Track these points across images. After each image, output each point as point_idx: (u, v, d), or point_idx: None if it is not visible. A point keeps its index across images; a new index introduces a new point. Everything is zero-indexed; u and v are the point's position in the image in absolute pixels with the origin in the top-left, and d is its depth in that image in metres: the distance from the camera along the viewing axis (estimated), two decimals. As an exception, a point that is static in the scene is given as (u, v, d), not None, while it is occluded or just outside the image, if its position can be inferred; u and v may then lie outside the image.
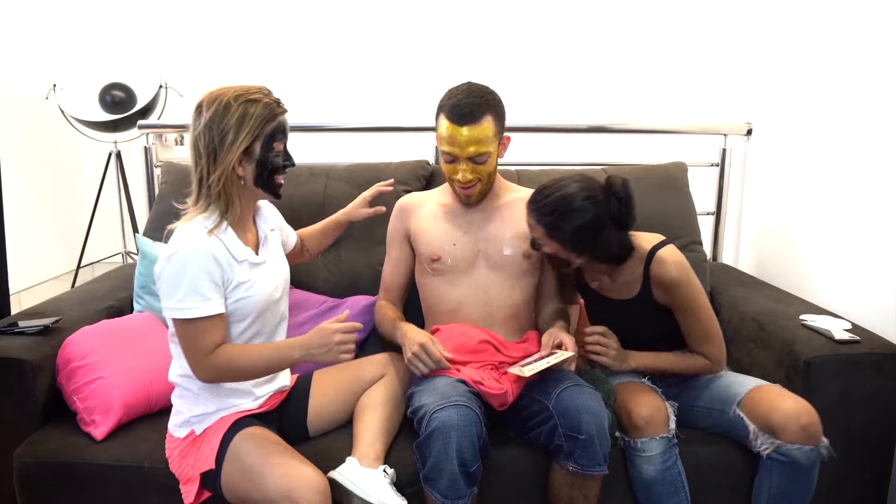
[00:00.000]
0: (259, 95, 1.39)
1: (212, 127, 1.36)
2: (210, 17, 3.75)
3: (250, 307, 1.43)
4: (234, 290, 1.40)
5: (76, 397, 1.59)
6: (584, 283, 1.69)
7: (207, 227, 1.39)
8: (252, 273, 1.44)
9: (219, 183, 1.38)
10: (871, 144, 1.80)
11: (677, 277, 1.53)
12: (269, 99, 1.41)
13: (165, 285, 1.35)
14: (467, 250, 1.68)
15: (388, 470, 1.43)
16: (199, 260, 1.34)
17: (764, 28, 2.36)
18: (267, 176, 1.43)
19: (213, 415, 1.44)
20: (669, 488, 1.49)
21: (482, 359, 1.58)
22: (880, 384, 1.59)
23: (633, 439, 1.50)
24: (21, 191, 3.47)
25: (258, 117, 1.38)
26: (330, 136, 3.17)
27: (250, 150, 1.39)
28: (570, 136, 2.70)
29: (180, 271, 1.33)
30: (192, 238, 1.35)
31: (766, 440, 1.48)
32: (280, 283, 1.52)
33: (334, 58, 3.73)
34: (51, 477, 1.51)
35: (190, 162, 1.42)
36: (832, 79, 1.97)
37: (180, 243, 1.35)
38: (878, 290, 1.76)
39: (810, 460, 1.45)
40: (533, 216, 1.52)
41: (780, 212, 2.23)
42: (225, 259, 1.38)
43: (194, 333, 1.35)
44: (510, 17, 3.63)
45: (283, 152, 1.45)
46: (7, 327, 1.67)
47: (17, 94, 3.43)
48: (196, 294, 1.33)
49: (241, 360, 1.38)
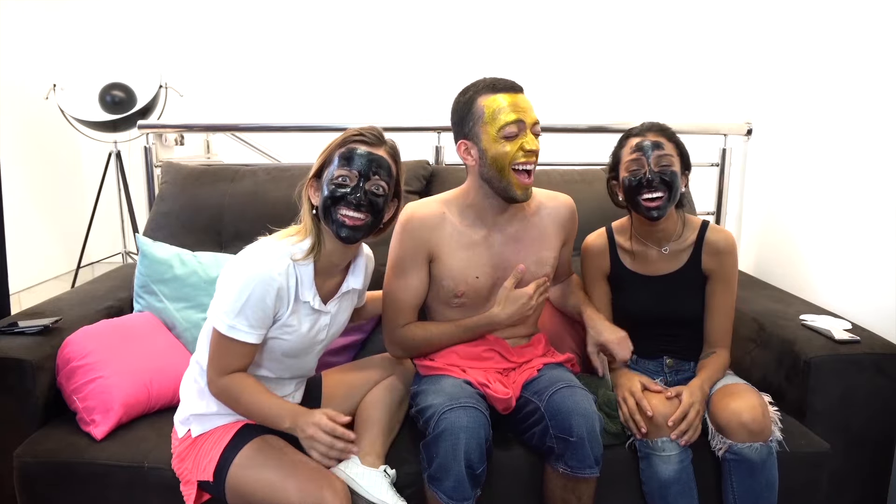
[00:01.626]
0: (356, 130, 1.38)
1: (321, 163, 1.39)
2: (210, 16, 3.75)
3: (280, 347, 1.41)
4: (278, 327, 1.38)
5: (76, 397, 1.59)
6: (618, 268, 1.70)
7: (293, 252, 1.36)
8: (305, 318, 1.40)
9: (308, 211, 1.38)
10: (870, 144, 1.80)
11: (732, 244, 1.64)
12: (356, 131, 1.38)
13: (224, 292, 1.34)
14: (488, 281, 1.57)
15: (388, 470, 1.42)
16: (264, 288, 1.31)
17: (764, 28, 2.35)
18: (324, 202, 1.35)
19: (212, 417, 1.43)
20: (684, 488, 1.49)
21: (487, 365, 1.57)
22: (880, 384, 1.59)
23: (651, 439, 1.49)
24: (21, 191, 3.46)
25: (334, 142, 1.37)
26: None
27: (321, 175, 1.37)
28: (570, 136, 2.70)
29: (243, 290, 1.31)
30: (268, 261, 1.33)
31: (720, 440, 1.50)
32: (323, 340, 1.48)
33: (334, 58, 3.73)
34: (51, 477, 1.51)
35: None
36: (832, 79, 1.97)
37: (257, 261, 1.33)
38: (878, 290, 1.76)
39: (761, 457, 1.45)
40: (660, 133, 1.60)
41: (780, 212, 2.23)
42: (286, 292, 1.35)
43: (225, 349, 1.35)
44: (510, 17, 3.63)
45: (348, 182, 1.34)
46: (7, 327, 1.67)
47: (17, 94, 3.43)
48: (244, 318, 1.32)
49: (244, 397, 1.36)
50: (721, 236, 1.64)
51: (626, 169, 1.59)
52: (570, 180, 2.12)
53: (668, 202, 1.57)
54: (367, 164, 1.34)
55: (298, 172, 2.12)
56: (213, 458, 1.38)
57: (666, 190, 1.56)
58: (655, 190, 1.56)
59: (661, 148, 1.57)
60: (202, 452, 1.40)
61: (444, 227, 1.55)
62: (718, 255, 1.62)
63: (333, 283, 1.45)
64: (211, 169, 2.24)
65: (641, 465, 1.51)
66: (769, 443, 1.45)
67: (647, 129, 1.60)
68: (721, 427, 1.48)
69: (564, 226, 1.65)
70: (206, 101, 3.72)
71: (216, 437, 1.41)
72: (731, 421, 1.46)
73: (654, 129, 1.60)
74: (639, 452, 1.52)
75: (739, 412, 1.45)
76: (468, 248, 1.56)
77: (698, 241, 1.65)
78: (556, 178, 2.12)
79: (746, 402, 1.47)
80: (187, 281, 1.85)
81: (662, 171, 1.56)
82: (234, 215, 2.07)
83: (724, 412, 1.48)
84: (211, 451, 1.39)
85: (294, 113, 3.60)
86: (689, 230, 1.67)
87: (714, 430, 1.51)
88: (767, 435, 1.45)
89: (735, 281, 1.65)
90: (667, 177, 1.56)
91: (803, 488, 1.54)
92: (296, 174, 2.12)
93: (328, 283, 1.44)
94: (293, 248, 1.37)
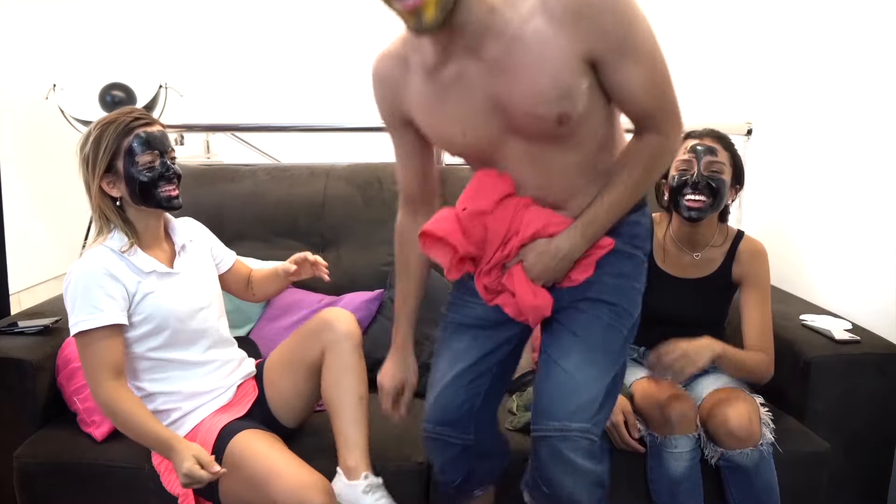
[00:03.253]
0: (117, 115, 1.42)
1: (82, 159, 1.44)
2: (210, 17, 3.75)
3: (161, 317, 1.42)
4: (141, 302, 1.41)
5: (76, 398, 1.59)
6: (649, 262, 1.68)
7: (114, 248, 1.41)
8: (162, 283, 1.44)
9: (98, 208, 1.43)
10: (871, 144, 1.80)
11: (763, 251, 1.63)
12: (129, 117, 1.42)
13: (68, 307, 1.38)
14: (482, 133, 1.16)
15: (369, 476, 1.39)
16: (90, 275, 1.37)
17: (764, 28, 2.35)
18: (139, 190, 1.41)
19: (180, 420, 1.45)
20: (694, 486, 1.49)
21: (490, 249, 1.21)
22: (880, 384, 1.59)
23: (665, 436, 1.48)
24: (21, 191, 3.46)
25: (112, 133, 1.40)
26: (330, 135, 3.17)
27: (113, 169, 1.41)
28: (570, 136, 2.70)
29: (73, 289, 1.37)
30: (85, 258, 1.40)
31: (711, 449, 1.50)
32: (201, 294, 1.51)
33: (334, 58, 3.73)
34: (51, 477, 1.51)
35: None
36: (832, 79, 1.97)
37: (74, 265, 1.39)
38: (878, 290, 1.76)
39: (753, 462, 1.45)
40: (716, 140, 1.60)
41: (780, 212, 2.23)
42: (126, 273, 1.40)
43: (90, 347, 1.36)
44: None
45: (156, 164, 1.42)
46: (7, 327, 1.67)
47: (17, 94, 3.43)
48: (88, 307, 1.35)
49: (129, 413, 1.35)
50: (754, 245, 1.65)
51: (676, 168, 1.60)
52: (570, 180, 2.12)
53: (710, 208, 1.57)
54: (161, 143, 1.43)
55: (298, 172, 2.13)
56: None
57: (711, 196, 1.56)
58: (700, 193, 1.56)
59: (714, 154, 1.57)
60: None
61: (412, 74, 1.19)
62: (749, 262, 1.62)
63: (169, 249, 1.52)
64: (211, 169, 2.24)
65: (651, 462, 1.51)
66: (759, 447, 1.45)
67: (706, 134, 1.61)
68: (710, 435, 1.49)
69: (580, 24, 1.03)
70: (206, 101, 3.72)
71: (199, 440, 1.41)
72: (719, 429, 1.46)
73: (713, 136, 1.61)
74: (649, 449, 1.51)
75: (726, 420, 1.45)
76: (442, 94, 1.15)
77: (731, 250, 1.65)
78: (556, 178, 2.11)
79: (734, 408, 1.46)
80: (187, 281, 1.84)
81: (711, 176, 1.56)
82: (234, 215, 2.07)
83: (713, 420, 1.48)
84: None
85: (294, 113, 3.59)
86: (724, 237, 1.67)
87: (705, 438, 1.51)
88: (756, 440, 1.45)
89: (768, 287, 1.63)
90: (714, 183, 1.56)
91: (803, 488, 1.54)
92: (296, 174, 2.13)
93: (159, 252, 1.49)
94: (108, 245, 1.42)
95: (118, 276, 1.38)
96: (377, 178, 2.11)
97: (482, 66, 1.10)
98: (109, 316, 1.36)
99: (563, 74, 1.05)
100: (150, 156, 1.41)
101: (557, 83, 1.06)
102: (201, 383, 1.49)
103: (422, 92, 1.18)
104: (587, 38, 1.03)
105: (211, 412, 1.47)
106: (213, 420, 1.45)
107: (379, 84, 1.25)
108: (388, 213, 2.06)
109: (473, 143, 1.17)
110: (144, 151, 1.40)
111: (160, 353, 1.45)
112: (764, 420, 1.49)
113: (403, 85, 1.21)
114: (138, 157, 1.40)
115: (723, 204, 1.60)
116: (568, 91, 1.06)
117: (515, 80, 1.08)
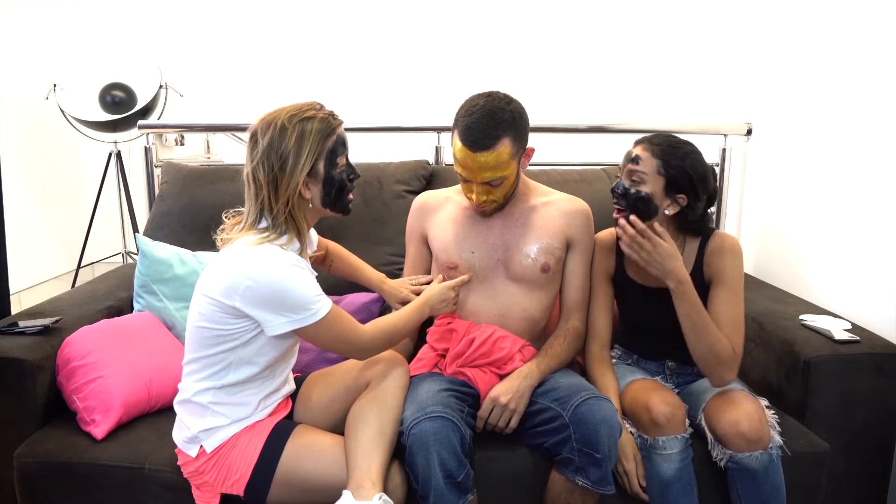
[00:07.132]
0: (312, 112, 1.34)
1: (270, 154, 1.30)
2: (210, 17, 3.76)
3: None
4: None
5: (76, 397, 1.59)
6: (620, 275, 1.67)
7: (293, 249, 1.34)
8: None
9: (285, 210, 1.32)
10: (871, 144, 1.80)
11: (732, 245, 1.56)
12: (324, 113, 1.35)
13: (274, 305, 1.28)
14: (485, 259, 1.62)
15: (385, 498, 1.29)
16: (295, 269, 1.29)
17: (764, 28, 2.36)
18: (335, 194, 1.37)
19: (221, 430, 1.38)
20: (686, 487, 1.47)
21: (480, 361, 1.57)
22: (880, 384, 1.59)
23: (653, 437, 1.47)
24: (21, 191, 3.47)
25: (316, 133, 1.32)
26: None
27: (314, 171, 1.34)
28: (570, 136, 2.70)
29: (286, 287, 1.27)
30: (272, 258, 1.28)
31: (720, 451, 1.48)
32: None
33: (335, 58, 3.73)
34: (51, 477, 1.51)
35: (246, 191, 1.36)
36: (832, 79, 1.97)
37: (271, 263, 1.27)
38: (878, 290, 1.76)
39: (763, 465, 1.43)
40: (647, 147, 1.52)
41: (780, 212, 2.23)
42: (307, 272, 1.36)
43: (336, 324, 1.33)
44: (510, 17, 3.63)
45: (346, 165, 1.38)
46: (7, 327, 1.67)
47: (17, 94, 3.43)
48: (314, 294, 1.30)
49: (391, 325, 1.43)
50: (723, 240, 1.58)
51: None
52: (570, 180, 2.12)
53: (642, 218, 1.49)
54: (346, 143, 1.38)
55: (298, 172, 2.13)
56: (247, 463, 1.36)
57: (628, 206, 1.52)
58: (618, 203, 1.54)
59: (636, 162, 1.51)
60: (228, 463, 1.37)
61: (446, 207, 1.69)
62: (716, 259, 1.56)
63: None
64: (211, 169, 2.24)
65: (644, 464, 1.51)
66: (769, 450, 1.44)
67: (642, 141, 1.55)
68: (719, 438, 1.47)
69: (572, 223, 1.63)
70: (206, 101, 3.73)
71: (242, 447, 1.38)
72: (729, 431, 1.44)
73: (646, 142, 1.53)
74: (640, 451, 1.51)
75: (736, 422, 1.43)
76: (466, 225, 1.64)
77: (700, 251, 1.59)
78: (555, 177, 2.12)
79: (743, 410, 1.45)
80: (187, 281, 1.85)
81: (630, 185, 1.52)
82: (234, 215, 2.07)
83: (721, 422, 1.46)
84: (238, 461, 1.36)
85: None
86: (693, 241, 1.60)
87: (713, 440, 1.49)
88: (766, 442, 1.43)
89: (739, 285, 1.54)
90: (633, 191, 1.51)
91: (803, 488, 1.53)
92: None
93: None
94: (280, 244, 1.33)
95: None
96: (377, 178, 2.11)
97: (506, 219, 1.63)
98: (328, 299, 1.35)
99: (554, 240, 1.61)
100: (345, 158, 1.37)
101: (549, 242, 1.61)
102: (273, 396, 1.46)
103: (453, 217, 1.66)
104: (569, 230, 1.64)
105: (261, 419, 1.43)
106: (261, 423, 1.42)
107: (418, 209, 1.74)
108: (388, 213, 2.07)
109: (475, 260, 1.62)
110: (342, 154, 1.36)
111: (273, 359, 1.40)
112: (770, 422, 1.48)
113: (436, 211, 1.70)
114: (339, 159, 1.36)
115: (652, 215, 1.51)
116: (553, 251, 1.61)
117: (525, 232, 1.61)
